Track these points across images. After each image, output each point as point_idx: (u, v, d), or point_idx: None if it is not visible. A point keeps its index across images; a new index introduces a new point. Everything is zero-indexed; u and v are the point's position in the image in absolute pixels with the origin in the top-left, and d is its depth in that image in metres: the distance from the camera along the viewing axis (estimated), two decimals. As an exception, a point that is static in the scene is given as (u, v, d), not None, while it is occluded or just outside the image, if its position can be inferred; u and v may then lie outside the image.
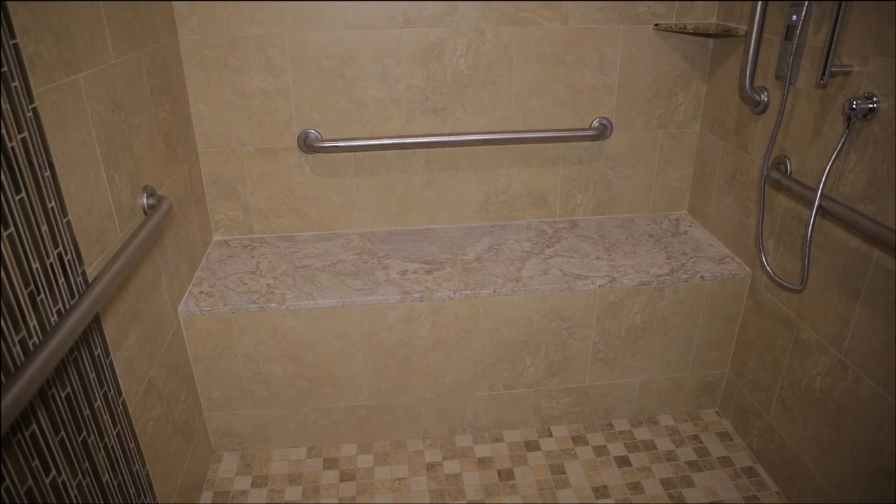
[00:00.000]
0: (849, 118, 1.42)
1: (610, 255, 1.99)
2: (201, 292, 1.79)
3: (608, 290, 1.84)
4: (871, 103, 1.37)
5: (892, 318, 1.37)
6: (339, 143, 1.97)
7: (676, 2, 1.97)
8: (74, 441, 1.08)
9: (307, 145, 2.00)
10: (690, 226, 2.20)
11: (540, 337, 1.89)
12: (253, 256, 2.00)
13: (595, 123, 2.10)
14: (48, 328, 1.00)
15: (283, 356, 1.81)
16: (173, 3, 1.78)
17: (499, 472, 1.90)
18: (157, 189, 1.57)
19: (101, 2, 1.28)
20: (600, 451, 1.97)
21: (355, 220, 2.16)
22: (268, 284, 1.83)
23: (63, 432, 1.04)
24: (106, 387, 1.21)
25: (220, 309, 1.72)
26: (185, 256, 1.80)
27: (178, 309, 1.72)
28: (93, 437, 1.15)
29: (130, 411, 1.33)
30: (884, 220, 1.37)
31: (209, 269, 1.92)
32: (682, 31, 1.93)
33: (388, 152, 2.07)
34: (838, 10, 1.41)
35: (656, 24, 2.00)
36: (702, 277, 1.88)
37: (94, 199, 1.21)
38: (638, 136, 2.16)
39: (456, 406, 1.98)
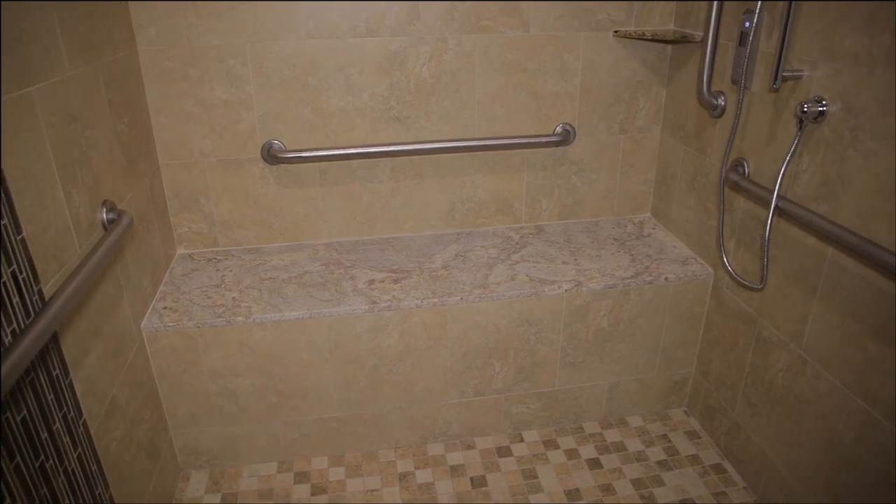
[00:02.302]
0: (801, 121, 1.46)
1: (576, 260, 2.01)
2: (165, 307, 1.76)
3: (575, 294, 1.86)
4: (820, 106, 1.41)
5: (847, 312, 1.40)
6: (304, 154, 1.96)
7: (637, 2, 2.01)
8: (31, 466, 1.05)
9: (271, 156, 1.98)
10: (654, 228, 2.24)
11: (508, 343, 1.90)
12: (218, 269, 1.97)
13: (558, 129, 2.13)
14: (2, 349, 0.98)
15: (250, 370, 1.79)
16: (131, 14, 1.76)
17: (471, 479, 1.89)
18: (117, 203, 1.55)
19: (55, 13, 1.26)
20: (571, 454, 1.98)
21: (321, 230, 2.15)
22: (233, 298, 1.81)
23: (18, 458, 1.01)
24: (65, 408, 1.19)
25: (184, 324, 1.70)
26: (147, 271, 1.77)
27: (142, 325, 1.69)
28: (51, 461, 1.12)
29: (92, 432, 1.30)
30: (836, 219, 1.41)
31: (173, 284, 1.89)
32: (641, 37, 1.97)
33: (353, 162, 2.06)
34: (787, 17, 1.45)
35: (616, 31, 2.04)
36: (666, 279, 1.91)
37: (50, 214, 1.19)
38: (601, 141, 2.18)
39: (427, 414, 1.97)
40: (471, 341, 1.87)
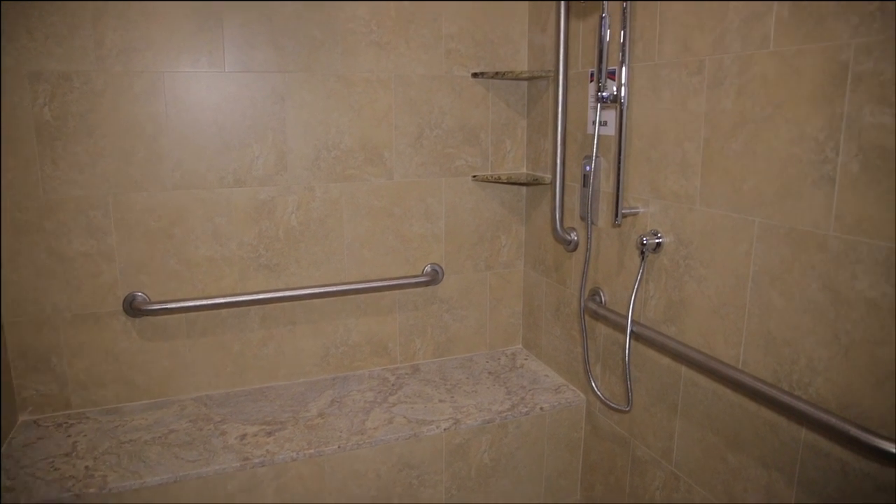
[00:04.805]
0: (642, 252, 1.61)
1: (452, 397, 2.02)
2: None
3: (453, 432, 1.85)
4: (657, 239, 1.58)
5: (706, 426, 1.49)
6: (169, 305, 1.90)
7: (491, 149, 2.19)
8: None
9: (134, 309, 1.90)
10: (526, 359, 2.31)
11: (390, 489, 1.83)
12: (69, 435, 1.80)
13: (427, 269, 2.21)
14: None
15: (103, 548, 1.60)
16: (-21, 170, 1.69)
17: None
18: (-51, 370, 1.40)
19: None
20: None
21: (189, 384, 2.03)
22: (86, 467, 1.64)
23: None
24: None
25: None
26: (-18, 444, 1.58)
27: (-29, 508, 1.48)
28: None
29: None
30: (683, 339, 1.53)
31: (11, 457, 1.69)
32: (498, 181, 2.14)
33: (223, 311, 2.01)
34: (619, 163, 1.64)
35: (474, 176, 2.20)
36: (541, 409, 1.95)
37: None
38: (468, 278, 2.28)
39: (307, 578, 1.82)
40: (351, 491, 1.79)
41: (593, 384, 1.81)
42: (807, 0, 1.16)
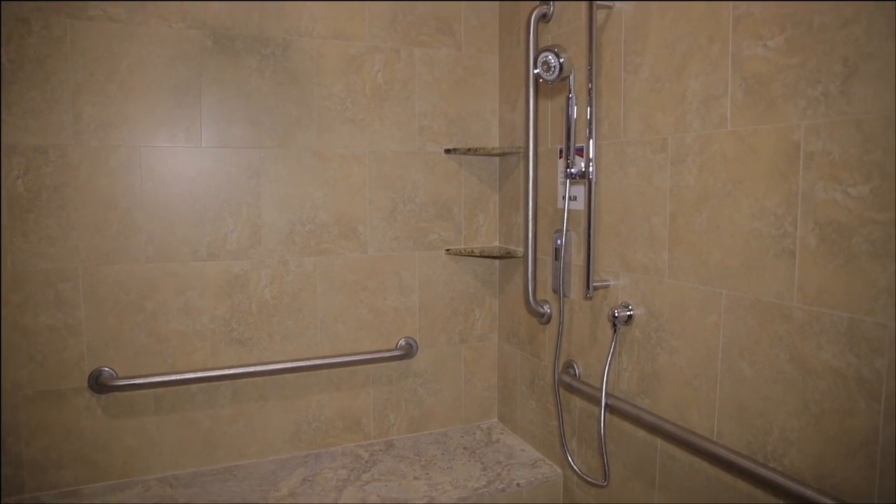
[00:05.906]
0: (614, 325, 1.63)
1: (427, 474, 1.97)
2: (-52, 575, 1.47)
3: (428, 509, 1.80)
4: (628, 311, 1.60)
5: (684, 500, 1.47)
6: (137, 381, 1.85)
7: (463, 222, 2.22)
8: None
9: (100, 385, 1.85)
10: (502, 433, 2.28)
11: (363, 572, 1.76)
12: (23, 521, 1.71)
13: (401, 343, 2.20)
14: None
15: None
16: (-54, 244, 1.67)
17: None
18: None
19: None
20: None
21: (154, 463, 1.96)
22: (40, 554, 1.56)
23: None
24: None
25: None
26: (-70, 531, 1.49)
27: None
28: None
29: None
30: (658, 411, 1.53)
31: (-38, 544, 1.60)
32: (471, 254, 2.16)
33: (192, 386, 1.97)
34: (588, 237, 1.68)
35: (448, 250, 2.22)
36: (518, 485, 1.91)
37: None
38: (442, 351, 2.27)
39: None
40: (321, 576, 1.72)
41: (570, 459, 1.78)
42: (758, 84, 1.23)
